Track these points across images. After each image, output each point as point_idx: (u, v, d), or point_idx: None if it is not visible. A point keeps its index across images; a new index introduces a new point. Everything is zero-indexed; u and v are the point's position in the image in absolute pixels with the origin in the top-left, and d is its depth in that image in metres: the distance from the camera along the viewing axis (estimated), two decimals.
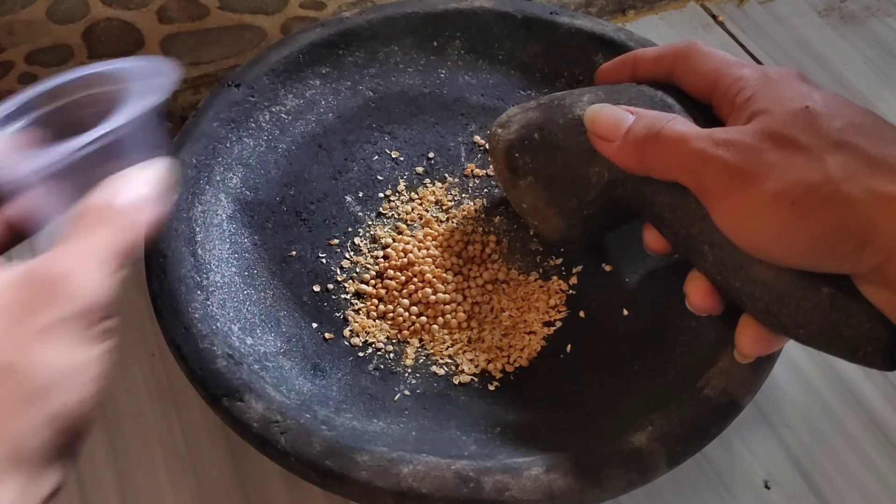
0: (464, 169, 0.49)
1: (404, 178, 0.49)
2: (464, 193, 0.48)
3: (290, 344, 0.41)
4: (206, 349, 0.37)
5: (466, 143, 0.50)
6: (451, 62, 0.51)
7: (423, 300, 0.44)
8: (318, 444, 0.35)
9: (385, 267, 0.45)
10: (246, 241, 0.44)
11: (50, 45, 0.49)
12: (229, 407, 0.36)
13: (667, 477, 0.39)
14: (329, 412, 0.37)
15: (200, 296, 0.39)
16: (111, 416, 0.44)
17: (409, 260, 0.45)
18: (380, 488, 0.33)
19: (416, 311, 0.44)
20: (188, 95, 0.55)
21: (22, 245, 0.31)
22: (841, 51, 0.63)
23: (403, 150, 0.50)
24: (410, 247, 0.46)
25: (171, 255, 0.40)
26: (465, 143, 0.50)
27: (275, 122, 0.47)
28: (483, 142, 0.50)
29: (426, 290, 0.44)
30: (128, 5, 0.50)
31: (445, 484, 0.33)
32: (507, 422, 0.39)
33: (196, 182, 0.43)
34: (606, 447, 0.35)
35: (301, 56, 0.48)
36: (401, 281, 0.45)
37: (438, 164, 0.49)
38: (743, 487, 0.42)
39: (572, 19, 0.50)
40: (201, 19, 0.52)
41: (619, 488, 0.34)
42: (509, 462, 0.34)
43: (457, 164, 0.49)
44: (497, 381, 0.42)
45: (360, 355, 0.42)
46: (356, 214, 0.47)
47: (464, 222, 0.47)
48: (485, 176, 0.49)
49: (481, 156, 0.50)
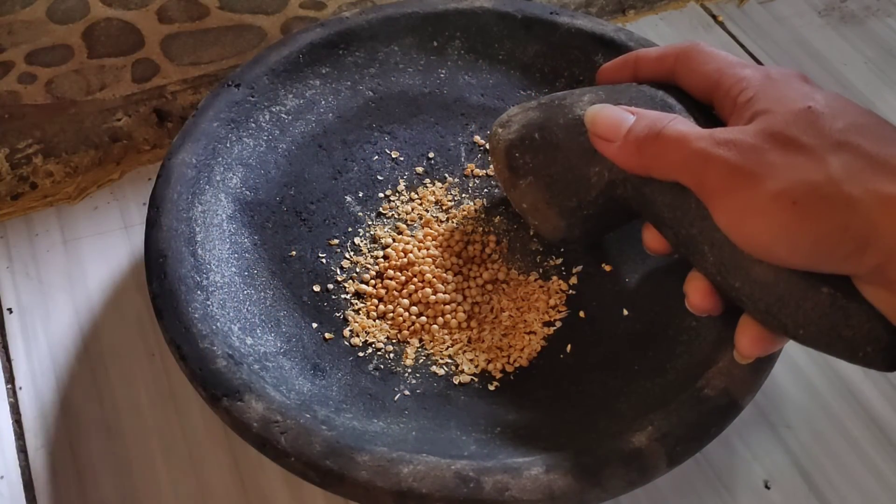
0: (464, 169, 0.49)
1: (404, 178, 0.49)
2: (464, 193, 0.48)
3: (290, 344, 0.41)
4: (207, 349, 0.37)
5: (466, 143, 0.50)
6: (451, 62, 0.51)
7: (423, 300, 0.44)
8: (318, 444, 0.34)
9: (385, 267, 0.45)
10: (246, 241, 0.44)
11: (50, 45, 0.49)
12: (229, 407, 0.36)
13: (667, 477, 0.39)
14: (329, 412, 0.37)
15: (200, 296, 0.39)
16: (111, 416, 0.44)
17: (409, 260, 0.45)
18: (380, 488, 0.33)
19: (415, 311, 0.44)
20: (188, 95, 0.55)
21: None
22: (841, 51, 0.63)
23: (403, 150, 0.50)
24: (410, 247, 0.46)
25: (171, 256, 0.40)
26: (465, 143, 0.50)
27: (275, 122, 0.47)
28: (483, 142, 0.50)
29: (426, 290, 0.44)
30: (128, 5, 0.49)
31: (445, 484, 0.33)
32: (507, 422, 0.39)
33: (196, 182, 0.43)
34: (606, 447, 0.35)
35: (301, 56, 0.48)
36: (400, 281, 0.45)
37: (438, 164, 0.49)
38: (743, 487, 0.42)
39: (572, 19, 0.50)
40: (201, 19, 0.52)
41: (619, 488, 0.34)
42: (509, 462, 0.34)
43: (457, 164, 0.49)
44: (497, 381, 0.42)
45: (360, 355, 0.42)
46: (356, 214, 0.47)
47: (464, 222, 0.47)
48: (485, 176, 0.49)
49: (481, 156, 0.50)
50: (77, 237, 0.51)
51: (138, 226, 0.51)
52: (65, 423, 0.44)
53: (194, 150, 0.43)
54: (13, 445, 0.43)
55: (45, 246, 0.51)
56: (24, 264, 0.50)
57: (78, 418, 0.44)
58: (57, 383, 0.45)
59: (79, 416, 0.44)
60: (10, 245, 0.51)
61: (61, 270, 0.50)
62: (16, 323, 0.48)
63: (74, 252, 0.50)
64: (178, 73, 0.54)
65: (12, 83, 0.49)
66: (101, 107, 0.53)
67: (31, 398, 0.45)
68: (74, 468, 0.43)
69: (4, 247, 0.51)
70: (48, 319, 0.48)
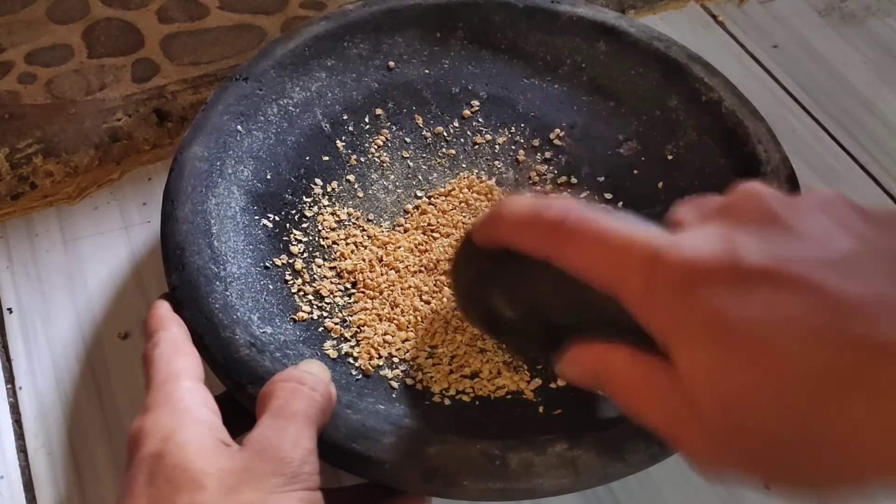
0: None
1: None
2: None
3: (309, 332, 0.41)
4: (229, 338, 0.37)
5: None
6: (454, 52, 0.51)
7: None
8: (344, 427, 0.34)
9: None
10: (259, 232, 0.44)
11: (50, 45, 0.49)
12: (255, 394, 0.35)
13: (667, 476, 0.40)
14: (352, 397, 0.37)
15: (219, 286, 0.39)
16: (111, 416, 0.44)
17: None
18: (407, 469, 0.33)
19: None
20: (188, 95, 0.55)
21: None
22: (841, 51, 0.63)
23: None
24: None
25: (188, 248, 0.40)
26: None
27: (283, 115, 0.47)
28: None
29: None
30: (128, 5, 0.49)
31: (472, 462, 0.33)
32: (527, 402, 0.39)
33: (209, 175, 0.43)
34: (628, 422, 0.34)
35: (307, 49, 0.48)
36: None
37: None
38: (743, 487, 0.41)
39: (573, 7, 0.51)
40: (201, 19, 0.52)
41: (642, 462, 0.34)
42: (533, 439, 0.34)
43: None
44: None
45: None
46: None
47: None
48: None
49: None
50: (77, 237, 0.51)
51: (138, 226, 0.51)
52: (65, 423, 0.44)
53: (206, 144, 0.43)
54: (13, 445, 0.43)
55: (45, 246, 0.50)
56: (24, 264, 0.49)
57: (78, 418, 0.44)
58: (57, 383, 0.45)
59: (79, 416, 0.44)
60: (10, 245, 0.50)
61: (61, 270, 0.49)
62: (16, 323, 0.47)
63: (74, 252, 0.50)
64: (178, 72, 0.53)
65: (12, 83, 0.49)
66: (101, 107, 0.52)
67: (31, 398, 0.44)
68: (74, 468, 0.42)
69: (4, 247, 0.50)
70: (48, 319, 0.47)
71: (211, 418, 0.32)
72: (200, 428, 0.30)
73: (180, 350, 0.35)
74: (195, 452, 0.29)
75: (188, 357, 0.35)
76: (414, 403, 0.39)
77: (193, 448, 0.29)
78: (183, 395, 0.32)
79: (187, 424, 0.30)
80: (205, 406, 0.32)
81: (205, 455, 0.29)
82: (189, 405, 0.32)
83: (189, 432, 0.30)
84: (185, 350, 0.35)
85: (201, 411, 0.32)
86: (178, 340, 0.35)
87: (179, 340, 0.35)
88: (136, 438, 0.31)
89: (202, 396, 0.33)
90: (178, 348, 0.35)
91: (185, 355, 0.34)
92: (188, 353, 0.35)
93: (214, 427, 0.31)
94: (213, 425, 0.31)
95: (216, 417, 0.32)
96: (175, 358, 0.34)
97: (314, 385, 0.33)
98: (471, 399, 0.39)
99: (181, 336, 0.36)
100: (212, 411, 0.32)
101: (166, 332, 0.36)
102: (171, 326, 0.36)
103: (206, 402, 0.32)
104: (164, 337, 0.35)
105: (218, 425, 0.32)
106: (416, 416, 0.38)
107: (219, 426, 0.32)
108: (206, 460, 0.29)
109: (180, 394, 0.32)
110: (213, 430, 0.31)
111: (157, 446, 0.30)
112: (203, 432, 0.30)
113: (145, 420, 0.31)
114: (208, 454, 0.29)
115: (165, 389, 0.32)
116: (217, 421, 0.32)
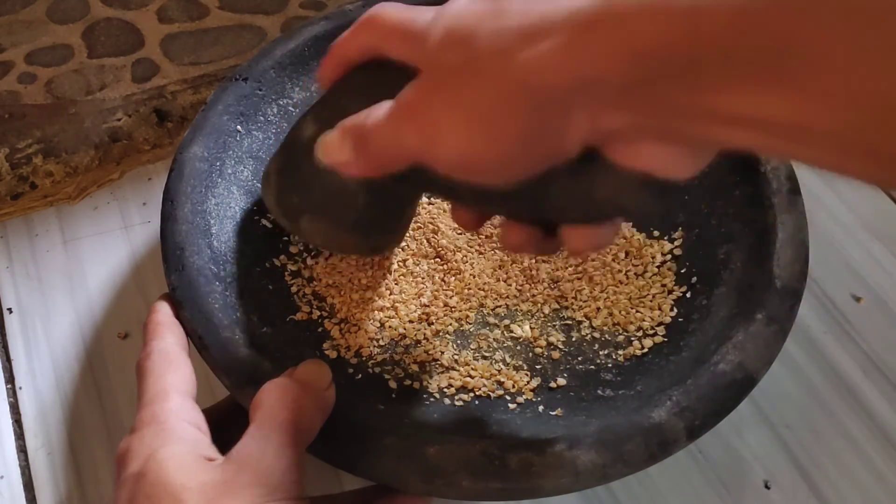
0: None
1: None
2: None
3: (309, 332, 0.41)
4: (229, 338, 0.37)
5: None
6: None
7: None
8: (344, 427, 0.34)
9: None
10: (259, 232, 0.44)
11: (50, 45, 0.49)
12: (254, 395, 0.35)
13: (667, 476, 0.41)
14: (352, 397, 0.37)
15: (219, 286, 0.39)
16: (111, 416, 0.44)
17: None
18: (407, 468, 0.33)
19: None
20: (188, 95, 0.55)
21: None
22: None
23: None
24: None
25: (188, 248, 0.40)
26: None
27: (282, 115, 0.47)
28: None
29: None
30: (128, 5, 0.49)
31: (471, 462, 0.33)
32: (527, 402, 0.39)
33: (209, 175, 0.43)
34: (627, 422, 0.35)
35: (306, 49, 0.48)
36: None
37: None
38: (743, 487, 0.42)
39: None
40: (201, 19, 0.52)
41: (641, 462, 0.34)
42: (533, 440, 0.34)
43: None
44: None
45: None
46: None
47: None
48: None
49: None
50: (77, 237, 0.51)
51: (138, 226, 0.51)
52: (65, 423, 0.44)
53: (205, 144, 0.43)
54: (13, 445, 0.43)
55: (45, 246, 0.50)
56: (24, 264, 0.49)
57: (78, 418, 0.44)
58: (57, 383, 0.45)
59: (79, 416, 0.44)
60: (10, 245, 0.50)
61: (61, 270, 0.49)
62: (16, 323, 0.47)
63: (74, 252, 0.50)
64: (178, 72, 0.54)
65: (12, 83, 0.49)
66: (101, 107, 0.52)
67: (31, 398, 0.44)
68: (74, 468, 0.42)
69: (4, 247, 0.50)
70: (48, 319, 0.47)
71: (195, 435, 0.32)
72: (183, 446, 0.31)
73: (172, 363, 0.34)
74: (175, 469, 0.29)
75: (179, 371, 0.34)
76: (413, 403, 0.39)
77: (174, 465, 0.29)
78: (168, 415, 0.32)
79: (170, 443, 0.30)
80: (190, 424, 0.32)
81: (186, 470, 0.29)
82: (174, 424, 0.32)
83: (170, 450, 0.30)
84: (177, 363, 0.35)
85: (186, 429, 0.32)
86: (172, 352, 0.35)
87: (172, 353, 0.35)
88: (122, 459, 0.31)
89: (189, 414, 0.33)
90: (171, 361, 0.35)
91: (176, 369, 0.34)
92: (180, 366, 0.35)
93: (199, 443, 0.31)
94: (197, 442, 0.31)
95: (202, 434, 0.32)
96: (166, 372, 0.34)
97: (304, 391, 0.32)
98: (471, 399, 0.40)
99: (175, 347, 0.35)
100: (197, 428, 0.32)
101: (160, 342, 0.35)
102: (165, 336, 0.36)
103: (191, 420, 0.32)
104: (157, 348, 0.35)
105: (203, 442, 0.32)
106: (416, 416, 0.38)
107: (204, 442, 0.32)
108: (186, 475, 0.29)
109: (165, 414, 0.32)
110: (197, 446, 0.31)
111: (139, 465, 0.30)
112: (185, 449, 0.30)
113: (132, 440, 0.31)
114: (189, 469, 0.29)
115: (152, 409, 0.32)
116: (202, 437, 0.32)
